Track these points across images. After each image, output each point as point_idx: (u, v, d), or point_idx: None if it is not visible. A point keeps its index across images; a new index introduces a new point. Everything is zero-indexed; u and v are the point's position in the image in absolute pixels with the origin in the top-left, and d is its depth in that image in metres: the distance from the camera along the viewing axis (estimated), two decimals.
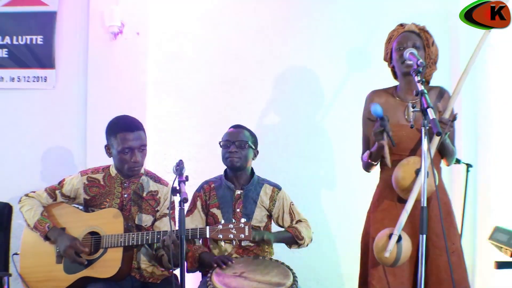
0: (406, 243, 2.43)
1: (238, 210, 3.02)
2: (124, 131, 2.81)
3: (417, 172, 2.46)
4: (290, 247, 3.06)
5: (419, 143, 2.62)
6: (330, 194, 3.95)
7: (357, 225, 2.92)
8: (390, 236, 2.41)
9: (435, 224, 2.57)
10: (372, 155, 2.71)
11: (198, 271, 3.04)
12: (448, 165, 2.81)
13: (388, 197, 2.70)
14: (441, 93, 2.75)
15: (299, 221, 3.09)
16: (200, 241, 3.07)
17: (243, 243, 2.96)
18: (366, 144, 2.84)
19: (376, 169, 2.84)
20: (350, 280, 2.96)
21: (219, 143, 3.07)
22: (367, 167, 2.81)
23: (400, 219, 2.43)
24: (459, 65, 3.64)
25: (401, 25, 2.81)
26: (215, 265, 2.74)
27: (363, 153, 2.83)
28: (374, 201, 2.80)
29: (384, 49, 2.87)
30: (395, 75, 2.88)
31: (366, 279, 2.73)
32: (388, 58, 2.85)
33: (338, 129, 3.94)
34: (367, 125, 2.83)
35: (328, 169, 3.98)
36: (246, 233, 2.56)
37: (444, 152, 2.71)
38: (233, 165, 3.00)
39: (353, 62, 3.97)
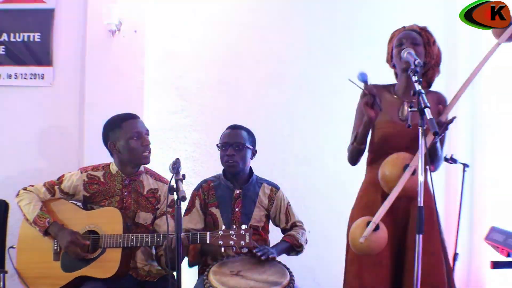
0: (383, 234, 2.38)
1: (237, 209, 3.02)
2: (129, 119, 2.89)
3: (405, 167, 2.41)
4: (288, 254, 3.05)
5: (409, 141, 2.53)
6: (327, 194, 3.96)
7: None
8: (368, 224, 2.37)
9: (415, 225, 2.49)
10: (358, 135, 2.64)
11: (199, 264, 3.01)
12: (433, 171, 2.67)
13: (371, 195, 2.67)
14: (439, 99, 2.69)
15: (294, 224, 3.10)
16: None
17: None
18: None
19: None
20: None
21: (217, 145, 3.07)
22: (353, 154, 2.73)
23: (380, 210, 2.40)
24: (457, 68, 3.64)
25: (404, 26, 2.82)
26: None
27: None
28: (357, 198, 2.78)
29: (387, 49, 2.85)
30: (396, 75, 2.87)
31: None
32: (389, 58, 2.84)
33: (337, 129, 3.94)
34: (359, 117, 2.77)
35: (326, 169, 3.98)
36: (247, 240, 2.55)
37: (433, 156, 2.63)
38: (231, 168, 3.01)
39: (352, 61, 3.96)
